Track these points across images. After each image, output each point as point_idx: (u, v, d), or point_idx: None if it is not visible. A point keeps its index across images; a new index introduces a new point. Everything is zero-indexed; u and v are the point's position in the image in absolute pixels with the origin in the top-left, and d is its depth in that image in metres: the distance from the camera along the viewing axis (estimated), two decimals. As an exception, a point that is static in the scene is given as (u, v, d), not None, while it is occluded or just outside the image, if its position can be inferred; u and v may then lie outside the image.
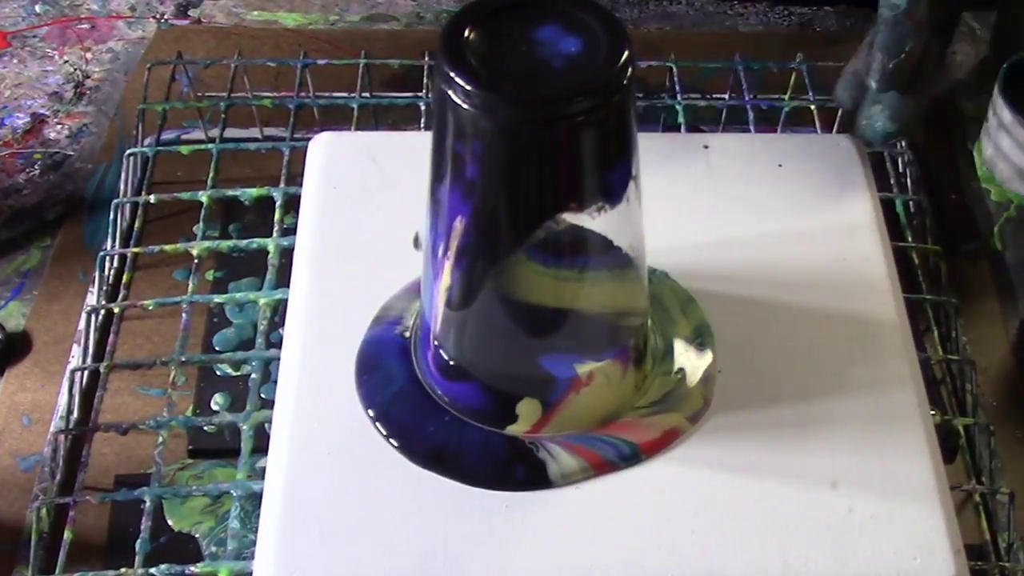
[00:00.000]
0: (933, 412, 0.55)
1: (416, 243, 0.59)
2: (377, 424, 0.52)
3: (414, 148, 0.62)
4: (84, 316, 0.70)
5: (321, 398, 0.54)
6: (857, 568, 0.49)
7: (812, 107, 0.79)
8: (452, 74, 0.43)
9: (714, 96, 0.82)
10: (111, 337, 0.72)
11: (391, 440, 0.52)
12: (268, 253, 0.68)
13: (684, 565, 0.49)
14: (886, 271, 0.59)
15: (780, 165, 0.63)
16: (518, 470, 0.51)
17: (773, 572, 0.49)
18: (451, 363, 0.51)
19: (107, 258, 0.73)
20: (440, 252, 0.48)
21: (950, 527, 0.50)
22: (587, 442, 0.52)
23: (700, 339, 0.56)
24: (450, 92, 0.43)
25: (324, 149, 0.64)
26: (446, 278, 0.48)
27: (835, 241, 0.60)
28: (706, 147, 0.64)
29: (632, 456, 0.51)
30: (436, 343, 0.51)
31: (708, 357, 0.55)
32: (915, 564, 0.49)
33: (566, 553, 0.49)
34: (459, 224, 0.46)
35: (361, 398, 0.54)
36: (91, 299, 0.73)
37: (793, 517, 0.50)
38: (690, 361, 0.55)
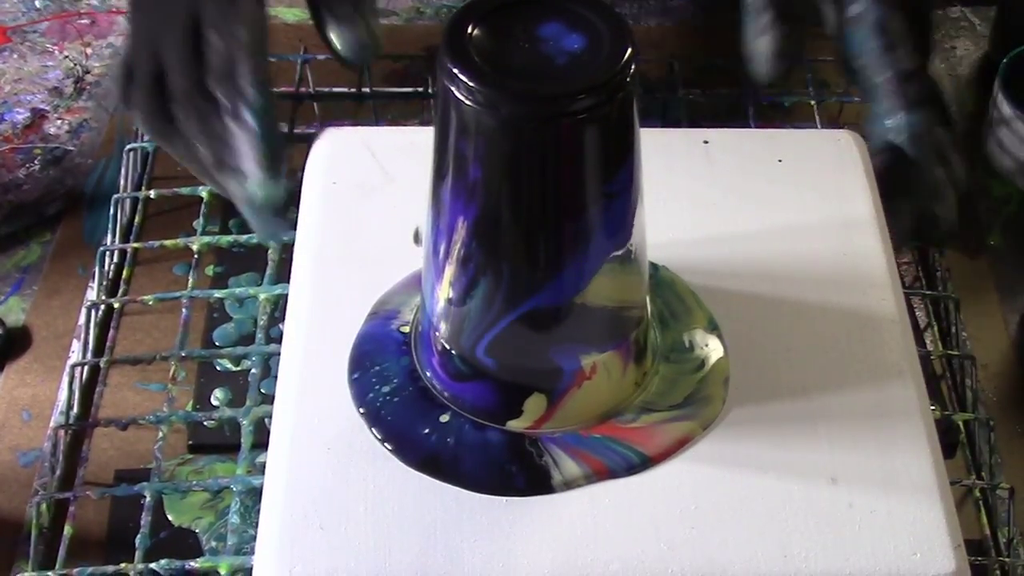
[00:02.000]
0: (933, 407, 0.55)
1: (417, 238, 0.59)
2: (371, 427, 0.52)
3: (414, 143, 0.62)
4: (84, 311, 0.70)
5: (321, 393, 0.53)
6: (857, 563, 0.49)
7: (812, 102, 0.79)
8: (455, 70, 0.43)
9: (714, 91, 0.82)
10: (111, 332, 0.72)
11: (385, 444, 0.52)
12: (268, 248, 0.68)
13: (684, 561, 0.49)
14: (886, 266, 0.59)
15: (780, 160, 0.63)
16: (518, 479, 0.50)
17: (773, 567, 0.49)
18: (461, 363, 0.51)
19: (107, 253, 0.73)
20: (443, 251, 0.48)
21: (950, 522, 0.50)
22: (594, 448, 0.51)
23: (717, 331, 0.56)
24: (453, 88, 0.43)
25: (324, 144, 0.64)
26: (451, 277, 0.48)
27: (835, 236, 0.60)
28: (706, 142, 0.64)
29: (640, 466, 0.51)
30: (442, 343, 0.51)
31: (723, 352, 0.55)
32: (915, 559, 0.49)
33: (566, 548, 0.49)
34: (461, 222, 0.46)
35: (353, 397, 0.53)
36: (91, 294, 0.72)
37: (793, 512, 0.50)
38: (710, 357, 0.55)
